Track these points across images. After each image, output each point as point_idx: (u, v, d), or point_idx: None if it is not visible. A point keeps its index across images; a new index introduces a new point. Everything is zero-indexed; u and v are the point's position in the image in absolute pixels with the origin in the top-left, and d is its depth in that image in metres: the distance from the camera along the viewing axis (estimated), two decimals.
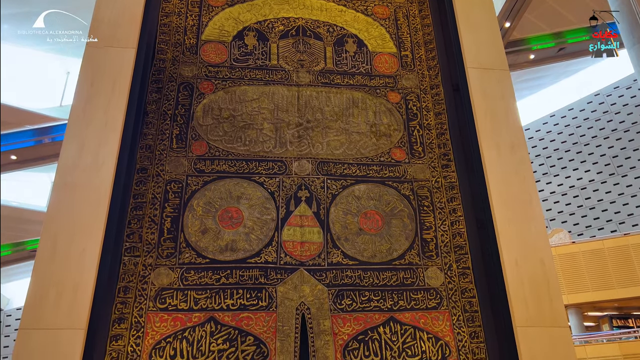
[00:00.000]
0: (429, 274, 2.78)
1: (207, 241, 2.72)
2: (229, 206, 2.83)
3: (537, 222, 2.77)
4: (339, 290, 2.67)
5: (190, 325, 2.50)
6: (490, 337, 2.61)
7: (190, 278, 2.62)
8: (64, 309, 2.30)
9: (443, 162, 3.11)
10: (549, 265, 2.67)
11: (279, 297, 2.61)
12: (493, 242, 2.74)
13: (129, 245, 2.65)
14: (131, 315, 2.49)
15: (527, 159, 2.95)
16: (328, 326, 2.57)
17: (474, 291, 2.74)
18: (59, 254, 2.41)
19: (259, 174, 2.94)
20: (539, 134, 19.73)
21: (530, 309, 2.55)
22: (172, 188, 2.83)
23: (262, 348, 2.48)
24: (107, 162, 2.65)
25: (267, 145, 3.03)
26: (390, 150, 3.13)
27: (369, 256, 2.80)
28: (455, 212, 2.95)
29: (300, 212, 2.86)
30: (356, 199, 2.95)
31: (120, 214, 2.65)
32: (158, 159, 2.90)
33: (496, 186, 2.85)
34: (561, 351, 2.47)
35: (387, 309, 2.66)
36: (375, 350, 2.55)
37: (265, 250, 2.73)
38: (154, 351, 2.42)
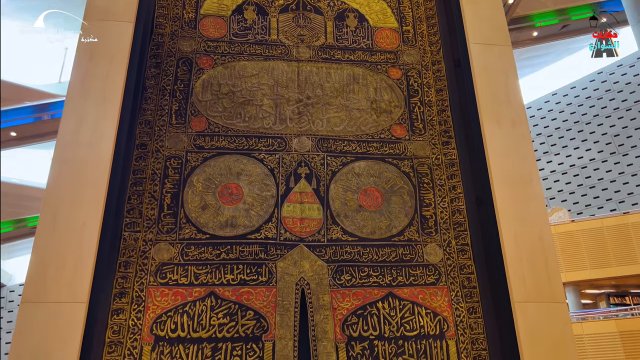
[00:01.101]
0: (428, 251, 2.80)
1: (207, 217, 2.73)
2: (228, 182, 2.83)
3: (536, 199, 2.78)
4: (338, 266, 2.69)
5: (191, 300, 2.52)
6: (488, 312, 2.64)
7: (190, 253, 2.63)
8: (65, 282, 2.32)
9: (443, 139, 3.10)
10: (548, 242, 2.68)
11: (278, 272, 2.63)
12: (492, 219, 2.75)
13: (129, 220, 2.65)
14: (132, 289, 2.51)
15: (528, 136, 2.94)
16: (327, 301, 2.59)
17: (473, 267, 2.76)
18: (59, 229, 2.42)
19: (258, 150, 2.93)
20: (540, 113, 19.62)
21: (528, 285, 2.57)
22: (171, 164, 2.83)
23: (262, 322, 2.50)
24: (106, 137, 2.64)
25: (266, 121, 3.02)
26: (391, 127, 3.11)
27: (369, 232, 2.81)
28: (455, 189, 2.95)
29: (300, 188, 2.86)
30: (356, 175, 2.94)
31: (120, 189, 2.65)
32: (157, 134, 2.89)
33: (496, 163, 2.84)
34: (558, 326, 2.50)
35: (386, 285, 2.68)
36: (374, 325, 2.57)
37: (265, 227, 2.74)
38: (155, 325, 2.45)
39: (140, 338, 2.41)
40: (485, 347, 2.57)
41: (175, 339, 2.43)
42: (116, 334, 2.40)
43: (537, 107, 19.70)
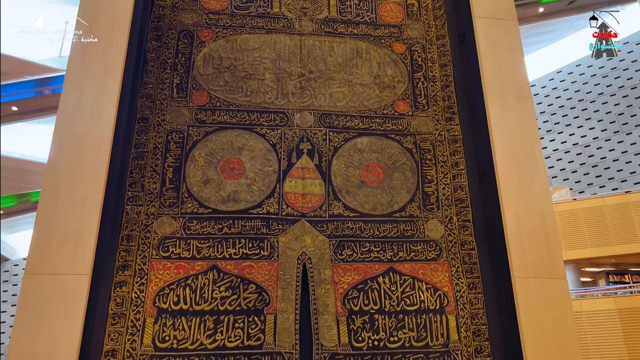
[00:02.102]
0: (429, 227, 2.80)
1: (209, 191, 2.73)
2: (230, 157, 2.82)
3: (539, 175, 2.77)
4: (340, 241, 2.70)
5: (193, 273, 2.54)
6: (488, 288, 2.65)
7: (192, 227, 2.64)
8: (68, 255, 2.34)
9: (447, 115, 3.07)
10: (549, 219, 2.68)
11: (280, 247, 2.64)
12: (494, 195, 2.74)
13: (131, 194, 2.66)
14: (135, 262, 2.52)
15: (532, 112, 2.91)
16: (328, 275, 2.61)
17: (474, 243, 2.76)
18: (61, 202, 2.42)
19: (260, 125, 2.91)
20: (544, 90, 19.45)
21: (528, 261, 2.58)
22: (173, 138, 2.82)
23: (263, 295, 2.53)
24: (107, 110, 2.63)
25: (268, 96, 2.99)
26: (394, 103, 3.09)
27: (370, 208, 2.81)
28: (457, 165, 2.94)
29: (302, 164, 2.85)
30: (358, 151, 2.93)
31: (122, 163, 2.64)
32: (159, 108, 2.87)
33: (500, 138, 2.82)
34: (558, 302, 2.52)
35: (387, 260, 2.69)
36: (375, 299, 2.59)
37: (267, 202, 2.74)
38: (158, 297, 2.47)
39: (143, 310, 2.44)
40: (484, 322, 2.60)
41: (178, 311, 2.45)
42: (119, 306, 2.43)
43: (541, 85, 19.52)
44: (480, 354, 2.54)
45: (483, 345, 2.55)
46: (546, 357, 2.42)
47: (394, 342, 2.51)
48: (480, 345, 2.55)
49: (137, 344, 2.37)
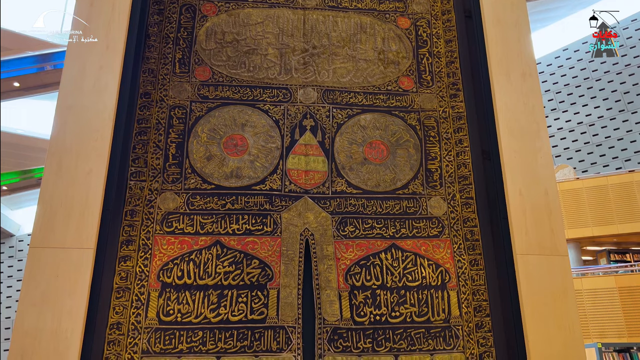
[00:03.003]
0: (432, 204, 2.80)
1: (212, 167, 2.73)
2: (233, 133, 2.82)
3: (543, 152, 2.76)
4: (342, 218, 2.71)
5: (197, 248, 2.56)
6: (490, 264, 2.67)
7: (196, 203, 2.65)
8: (72, 229, 2.35)
9: (451, 91, 3.05)
10: (553, 196, 2.68)
11: (283, 223, 2.65)
12: (498, 173, 2.74)
13: (134, 169, 2.66)
14: (139, 237, 2.54)
15: (538, 89, 2.89)
16: (331, 251, 2.63)
17: (476, 220, 2.77)
18: (64, 176, 2.43)
19: (263, 101, 2.90)
20: (549, 69, 19.26)
21: (531, 237, 2.59)
22: (176, 114, 2.81)
23: (267, 270, 2.55)
24: (109, 85, 2.61)
25: (271, 71, 2.97)
26: (398, 79, 3.06)
27: (373, 185, 2.81)
28: (461, 142, 2.93)
29: (305, 140, 2.84)
30: (362, 128, 2.92)
31: (125, 138, 2.64)
32: (161, 83, 2.86)
33: (504, 115, 2.80)
34: (559, 278, 2.53)
35: (389, 237, 2.71)
36: (377, 275, 2.62)
37: (270, 178, 2.74)
38: (162, 272, 2.49)
39: (148, 284, 2.46)
40: (486, 298, 2.62)
41: (182, 285, 2.48)
42: (124, 280, 2.45)
43: (547, 63, 19.32)
44: (481, 329, 2.56)
45: (484, 321, 2.58)
46: (546, 332, 2.44)
47: (396, 317, 2.54)
48: (481, 321, 2.58)
49: (142, 317, 2.41)
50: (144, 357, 2.34)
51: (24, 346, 2.18)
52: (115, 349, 2.34)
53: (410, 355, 2.49)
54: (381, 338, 2.50)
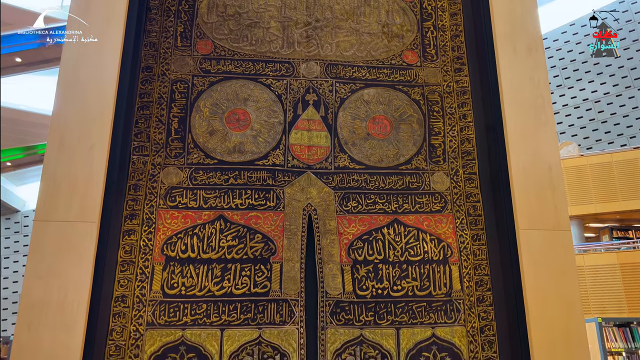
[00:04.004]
0: (435, 179, 2.80)
1: (214, 142, 2.73)
2: (235, 108, 2.80)
3: (548, 127, 2.74)
4: (345, 193, 2.71)
5: (200, 223, 2.57)
6: (492, 239, 2.68)
7: (199, 178, 2.65)
8: (76, 203, 2.36)
9: (456, 65, 3.02)
10: (557, 172, 2.67)
11: (286, 198, 2.66)
12: (502, 148, 2.72)
13: (137, 144, 2.66)
14: (142, 212, 2.56)
15: (544, 63, 2.85)
16: (334, 226, 2.64)
17: (479, 196, 2.77)
18: (67, 151, 2.43)
19: (265, 75, 2.88)
20: (556, 44, 18.99)
21: (534, 213, 2.59)
22: (178, 88, 2.79)
23: (270, 245, 2.56)
24: (110, 59, 2.59)
25: (274, 45, 2.94)
26: (402, 53, 3.02)
27: (376, 161, 2.80)
28: (465, 117, 2.91)
29: (307, 115, 2.83)
30: (365, 103, 2.90)
31: (127, 113, 2.63)
32: (163, 57, 2.83)
33: (509, 90, 2.78)
34: (561, 253, 2.54)
35: (392, 212, 2.71)
36: (379, 250, 2.63)
37: (272, 153, 2.74)
38: (166, 246, 2.51)
39: (152, 258, 2.49)
40: (487, 272, 2.64)
41: (186, 259, 2.50)
42: (128, 254, 2.48)
43: (553, 38, 19.05)
44: (482, 303, 2.59)
45: (485, 295, 2.60)
46: (547, 307, 2.47)
47: (397, 291, 2.57)
48: (483, 295, 2.60)
49: (147, 290, 2.44)
50: (149, 329, 2.38)
51: (31, 318, 2.21)
52: (121, 321, 2.37)
53: (411, 328, 2.52)
54: (383, 311, 2.52)
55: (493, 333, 2.54)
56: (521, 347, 2.46)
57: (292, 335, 2.43)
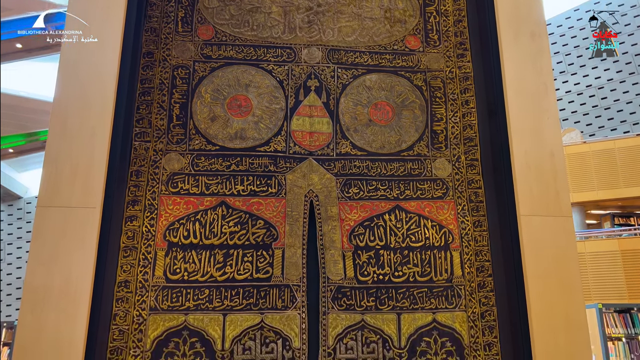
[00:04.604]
0: (437, 165, 2.80)
1: (216, 128, 2.72)
2: (237, 94, 2.79)
3: (550, 113, 2.72)
4: (347, 180, 2.71)
5: (203, 209, 2.58)
6: (494, 225, 2.68)
7: (200, 164, 2.65)
8: (78, 188, 2.37)
9: (459, 51, 3.00)
10: (559, 157, 2.66)
11: (288, 184, 2.66)
12: (504, 134, 2.72)
13: (138, 130, 2.66)
14: (144, 198, 2.56)
15: (547, 48, 2.83)
16: (335, 212, 2.64)
17: (481, 182, 2.77)
18: (69, 137, 2.44)
19: (267, 61, 2.86)
20: (560, 30, 18.81)
21: (535, 199, 2.59)
22: (179, 74, 2.78)
23: (272, 231, 2.57)
24: (111, 45, 2.58)
25: (275, 30, 2.92)
26: (405, 38, 3.00)
27: (378, 147, 2.80)
28: (467, 103, 2.90)
29: (309, 102, 2.82)
30: (367, 89, 2.89)
31: (129, 98, 2.63)
32: (164, 43, 2.82)
33: (512, 76, 2.76)
34: (563, 239, 2.55)
35: (394, 198, 2.71)
36: (380, 236, 2.64)
37: (274, 140, 2.73)
38: (168, 232, 2.52)
39: (154, 244, 2.50)
40: (488, 258, 2.64)
41: (188, 245, 2.51)
42: (130, 240, 2.49)
43: (557, 24, 18.87)
44: (483, 289, 2.60)
45: (486, 281, 2.61)
46: (548, 293, 2.48)
47: (399, 277, 2.58)
48: (484, 281, 2.61)
49: (149, 276, 2.45)
50: (152, 314, 2.40)
51: (34, 303, 2.23)
52: (124, 306, 2.39)
53: (412, 314, 2.53)
54: (384, 297, 2.54)
55: (494, 318, 2.56)
56: (522, 333, 2.47)
57: (294, 320, 2.45)
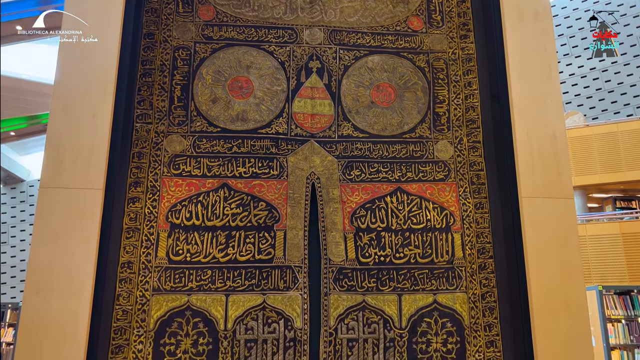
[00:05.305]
0: (439, 147, 2.79)
1: (217, 110, 2.71)
2: (238, 75, 2.78)
3: (553, 95, 2.71)
4: (349, 162, 2.71)
5: (205, 191, 2.59)
6: (495, 207, 2.68)
7: (202, 146, 2.65)
8: (80, 170, 2.38)
9: (462, 32, 2.97)
10: (561, 140, 2.65)
11: (289, 166, 2.66)
12: (506, 115, 2.71)
13: (140, 112, 2.65)
14: (146, 179, 2.57)
15: (551, 29, 2.80)
16: (337, 195, 2.65)
17: (483, 164, 2.76)
18: (70, 119, 2.43)
19: (268, 42, 2.84)
20: (564, 12, 18.60)
21: (537, 181, 2.59)
22: (180, 55, 2.77)
23: (273, 213, 2.58)
24: (112, 26, 2.57)
25: (276, 10, 2.89)
26: (408, 19, 2.97)
27: (380, 129, 2.79)
28: (470, 85, 2.88)
29: (311, 83, 2.81)
30: (369, 70, 2.87)
31: (130, 80, 2.62)
32: (165, 24, 2.80)
33: (515, 56, 2.74)
34: (564, 221, 2.55)
35: (395, 180, 2.71)
36: (382, 218, 2.64)
37: (275, 121, 2.73)
38: (170, 213, 2.53)
39: (157, 225, 2.51)
40: (489, 240, 2.65)
41: (191, 226, 2.52)
42: (133, 221, 2.50)
43: (561, 6, 18.65)
44: (484, 270, 2.61)
45: (487, 263, 2.62)
46: (548, 274, 2.49)
47: (400, 258, 2.59)
48: (484, 262, 2.62)
49: (152, 257, 2.47)
50: (154, 294, 2.42)
51: (39, 283, 2.25)
52: (127, 287, 2.41)
53: (413, 295, 2.55)
54: (385, 278, 2.56)
55: (494, 300, 2.58)
56: (522, 313, 2.49)
57: (295, 301, 2.47)
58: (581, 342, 2.42)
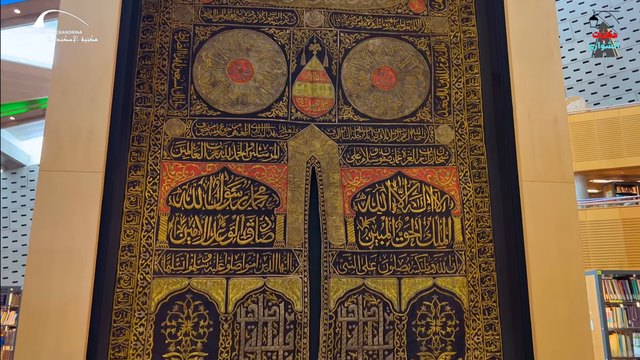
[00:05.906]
0: (440, 132, 2.78)
1: (217, 94, 2.70)
2: (238, 59, 2.76)
3: (555, 79, 2.69)
4: (349, 146, 2.70)
5: (205, 175, 2.58)
6: (495, 191, 2.68)
7: (202, 130, 2.64)
8: (80, 153, 2.37)
9: (463, 15, 2.94)
10: (562, 123, 2.64)
11: (290, 150, 2.66)
12: (507, 99, 2.69)
13: (139, 95, 2.64)
14: (146, 163, 2.56)
15: (553, 12, 2.77)
16: (337, 179, 2.65)
17: (483, 149, 2.75)
18: (69, 103, 2.42)
19: (268, 25, 2.81)
20: None
21: (538, 165, 2.58)
22: (179, 38, 2.74)
23: (274, 197, 2.58)
24: (110, 8, 2.54)
25: None
26: (409, 2, 2.94)
27: (380, 113, 2.78)
28: (472, 69, 2.86)
29: (311, 67, 2.79)
30: (370, 54, 2.85)
31: (129, 63, 2.60)
32: (164, 6, 2.77)
33: (517, 39, 2.71)
34: (564, 205, 2.55)
35: (395, 165, 2.71)
36: (382, 202, 2.64)
37: (276, 105, 2.71)
38: (171, 197, 2.53)
39: (157, 209, 2.51)
40: (489, 224, 2.66)
41: (191, 210, 2.53)
42: (133, 205, 2.50)
43: None
44: (484, 254, 2.62)
45: (487, 247, 2.63)
46: (548, 258, 2.50)
47: (400, 242, 2.60)
48: (484, 247, 2.63)
49: (153, 240, 2.47)
50: (155, 277, 2.43)
51: (39, 266, 2.26)
52: (128, 270, 2.42)
53: (413, 278, 2.56)
54: (385, 262, 2.56)
55: (493, 283, 2.59)
56: (521, 297, 2.50)
57: (296, 284, 2.49)
58: (580, 326, 2.43)
